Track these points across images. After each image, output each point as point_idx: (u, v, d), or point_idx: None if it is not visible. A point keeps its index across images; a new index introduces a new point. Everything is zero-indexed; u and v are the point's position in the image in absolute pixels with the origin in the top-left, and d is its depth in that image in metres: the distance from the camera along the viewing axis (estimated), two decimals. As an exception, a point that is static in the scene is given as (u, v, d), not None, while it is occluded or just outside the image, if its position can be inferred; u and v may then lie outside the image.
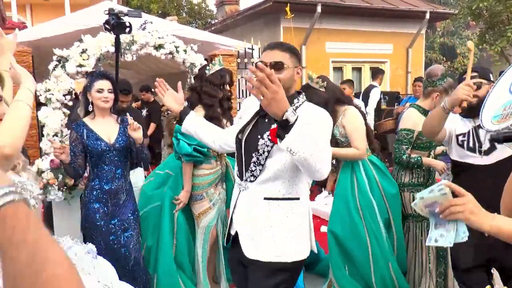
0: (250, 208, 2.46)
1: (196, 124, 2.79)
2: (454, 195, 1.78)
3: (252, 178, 2.44)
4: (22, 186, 1.90)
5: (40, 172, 3.82)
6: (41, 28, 8.24)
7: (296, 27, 10.98)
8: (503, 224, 1.68)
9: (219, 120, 3.73)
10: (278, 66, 2.36)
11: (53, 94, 6.87)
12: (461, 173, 3.29)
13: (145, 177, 5.98)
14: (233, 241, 2.61)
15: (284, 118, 1.92)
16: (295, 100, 2.44)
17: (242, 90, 9.84)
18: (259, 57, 9.89)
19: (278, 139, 2.00)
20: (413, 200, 3.89)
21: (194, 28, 12.97)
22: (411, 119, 4.00)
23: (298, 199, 2.45)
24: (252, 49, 9.73)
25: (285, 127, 1.95)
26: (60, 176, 3.78)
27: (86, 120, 3.51)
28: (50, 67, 7.02)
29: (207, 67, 3.89)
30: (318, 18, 12.05)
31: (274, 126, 2.25)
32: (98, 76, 3.50)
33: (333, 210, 4.16)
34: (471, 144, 3.16)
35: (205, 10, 29.19)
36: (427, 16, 13.60)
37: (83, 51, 6.99)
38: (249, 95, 9.90)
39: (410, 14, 13.55)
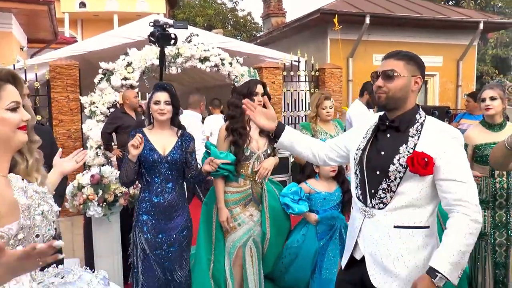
0: (379, 237, 2.31)
1: (292, 138, 2.69)
2: None
3: (381, 205, 2.30)
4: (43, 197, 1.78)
5: (80, 187, 3.74)
6: (88, 42, 8.35)
7: (343, 39, 10.74)
8: None
9: (240, 134, 3.57)
10: (387, 75, 2.28)
11: (97, 107, 6.90)
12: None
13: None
14: (351, 264, 2.50)
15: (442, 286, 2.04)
16: (417, 116, 2.32)
17: (288, 104, 9.65)
18: (305, 70, 9.75)
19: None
20: None
21: (239, 40, 12.92)
22: (467, 133, 3.87)
23: (428, 227, 2.29)
24: (299, 61, 9.57)
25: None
26: (100, 192, 3.68)
27: (146, 129, 3.45)
28: (96, 80, 7.07)
29: (236, 79, 3.77)
30: (366, 30, 11.77)
31: (403, 148, 2.23)
32: (156, 88, 3.41)
33: None
34: None
35: (250, 23, 29.36)
36: (481, 26, 12.84)
37: (128, 64, 7.01)
38: (295, 109, 9.72)
39: (462, 25, 12.92)
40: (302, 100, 9.78)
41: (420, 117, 2.31)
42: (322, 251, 3.95)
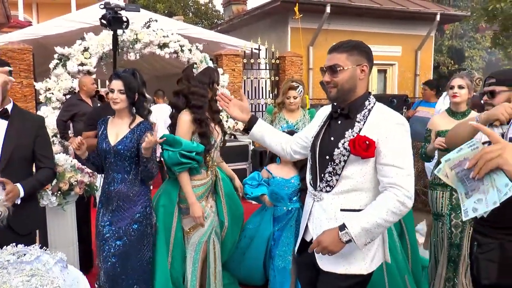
0: (327, 220, 2.36)
1: (263, 130, 2.74)
2: None
3: (327, 188, 2.35)
4: None
5: (33, 176, 3.62)
6: (43, 26, 8.07)
7: (304, 27, 10.74)
8: None
9: (207, 125, 3.45)
10: (332, 69, 2.31)
11: (53, 94, 6.71)
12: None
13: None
14: (305, 246, 2.52)
15: (345, 242, 2.16)
16: (366, 102, 2.35)
17: (248, 91, 9.61)
18: (265, 58, 9.74)
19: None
20: (434, 198, 3.83)
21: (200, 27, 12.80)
22: (432, 119, 4.07)
23: None
24: (259, 49, 9.54)
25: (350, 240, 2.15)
26: (54, 181, 3.57)
27: (110, 118, 3.35)
28: (51, 65, 6.87)
29: (195, 66, 3.63)
30: (326, 19, 11.84)
31: (349, 133, 2.28)
32: (112, 76, 3.26)
33: None
34: None
35: (211, 10, 29.08)
36: (438, 18, 13.38)
37: (85, 49, 6.84)
38: (255, 96, 9.71)
39: (420, 16, 13.33)
40: (262, 88, 9.78)
41: (369, 104, 2.35)
42: (277, 238, 3.95)
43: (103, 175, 3.42)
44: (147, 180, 3.34)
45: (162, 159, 3.46)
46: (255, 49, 9.44)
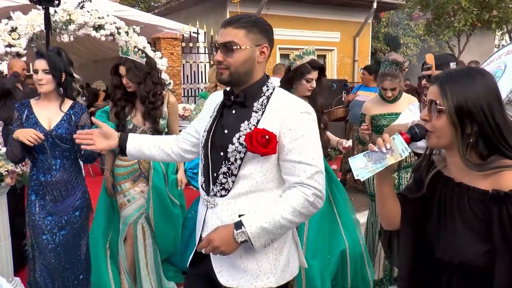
0: None
1: (138, 145, 2.30)
2: None
3: (223, 192, 1.99)
4: None
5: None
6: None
7: (243, 11, 10.64)
8: None
9: (119, 107, 3.48)
10: (226, 48, 1.94)
11: (-22, 77, 6.30)
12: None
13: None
14: (198, 257, 2.16)
15: (240, 242, 1.86)
16: (264, 88, 2.02)
17: (187, 76, 9.47)
18: (204, 42, 9.60)
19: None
20: (370, 179, 3.89)
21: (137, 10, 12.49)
22: (365, 104, 4.19)
23: None
24: (198, 33, 9.41)
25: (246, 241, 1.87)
26: (-18, 171, 3.33)
27: (32, 101, 3.11)
28: (-26, 47, 6.43)
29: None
30: (265, 4, 11.81)
31: (245, 125, 1.95)
32: (35, 55, 3.04)
33: None
34: None
35: (148, -8, 28.38)
36: (374, 6, 13.71)
37: (13, 30, 6.44)
38: (194, 81, 9.56)
39: (357, 3, 13.60)
40: (201, 72, 9.68)
41: (268, 90, 2.02)
42: None
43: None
44: (90, 161, 3.31)
45: None
46: (193, 32, 9.31)
